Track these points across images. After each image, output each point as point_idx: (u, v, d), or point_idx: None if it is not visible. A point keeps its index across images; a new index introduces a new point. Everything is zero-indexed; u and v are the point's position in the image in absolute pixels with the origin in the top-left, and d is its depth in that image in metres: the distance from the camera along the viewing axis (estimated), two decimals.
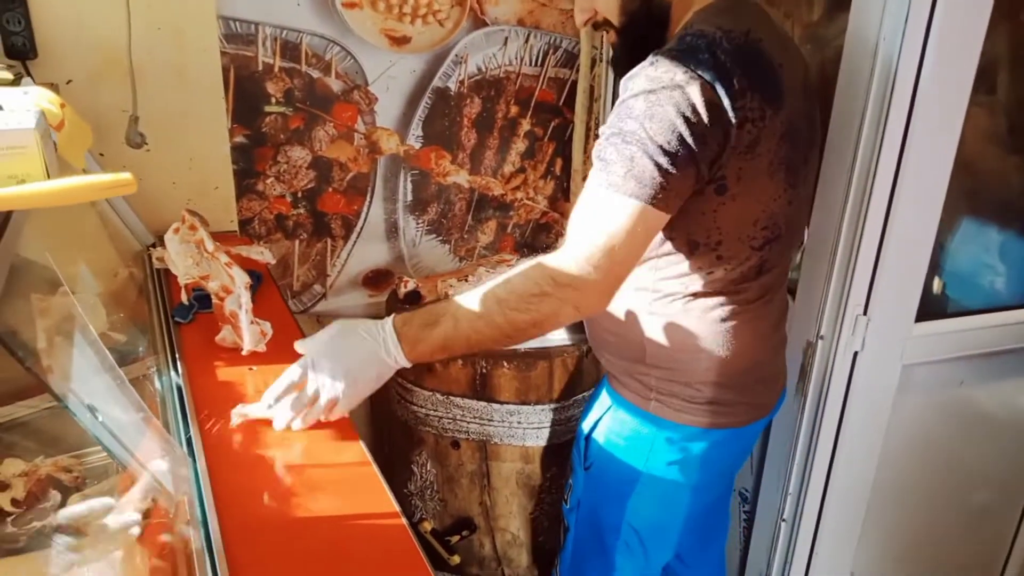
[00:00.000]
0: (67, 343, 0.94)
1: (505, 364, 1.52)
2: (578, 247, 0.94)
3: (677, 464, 1.17)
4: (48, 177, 0.76)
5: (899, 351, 1.35)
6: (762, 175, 0.98)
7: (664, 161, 0.90)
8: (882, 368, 1.35)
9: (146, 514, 1.20)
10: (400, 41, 1.81)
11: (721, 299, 1.07)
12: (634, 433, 1.18)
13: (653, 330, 1.11)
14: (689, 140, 0.90)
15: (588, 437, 1.25)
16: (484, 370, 1.53)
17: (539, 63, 1.96)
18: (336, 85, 1.79)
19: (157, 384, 1.14)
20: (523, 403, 1.55)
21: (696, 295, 1.07)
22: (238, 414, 1.02)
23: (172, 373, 1.14)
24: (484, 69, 1.91)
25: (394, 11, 1.77)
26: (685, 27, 1.00)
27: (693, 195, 0.97)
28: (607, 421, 1.22)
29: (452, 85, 1.90)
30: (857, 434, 1.39)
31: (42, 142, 0.77)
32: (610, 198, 0.92)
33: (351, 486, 0.95)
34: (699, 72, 0.90)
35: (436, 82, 1.88)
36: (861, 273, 1.28)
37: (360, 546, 0.85)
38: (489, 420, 1.57)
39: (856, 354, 1.33)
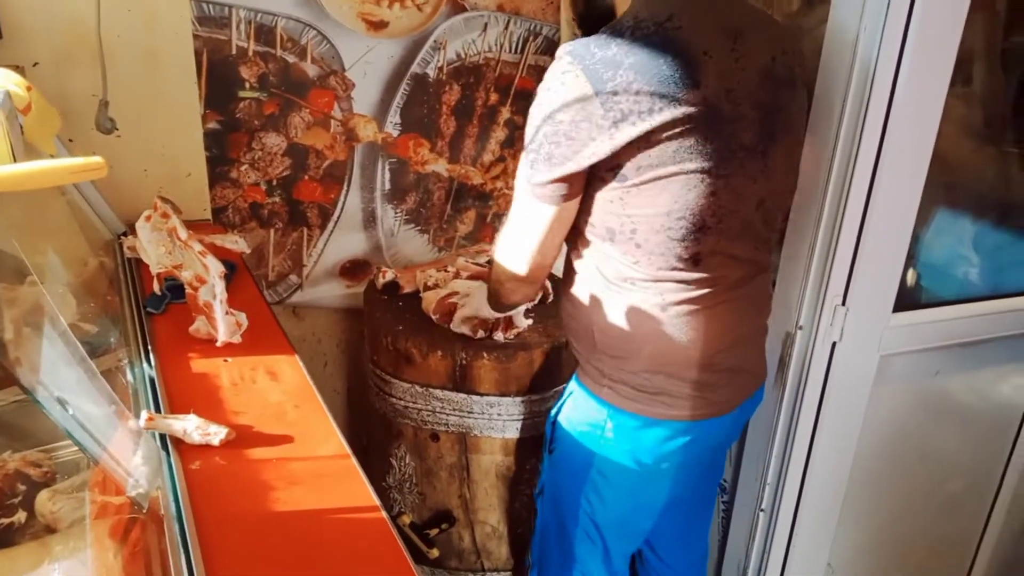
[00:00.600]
0: (36, 334, 0.91)
1: (485, 355, 1.50)
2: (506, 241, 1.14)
3: (629, 453, 1.16)
4: (14, 160, 0.73)
5: (876, 341, 1.36)
6: (666, 164, 0.97)
7: (533, 159, 1.01)
8: (860, 358, 1.36)
9: (118, 509, 1.17)
10: (378, 26, 1.77)
11: (658, 287, 1.06)
12: (589, 419, 1.18)
13: (600, 316, 1.12)
14: (555, 138, 0.98)
15: (554, 422, 1.26)
16: (464, 361, 1.51)
17: (519, 50, 1.94)
18: (312, 70, 1.75)
19: (129, 376, 1.11)
20: (503, 395, 1.54)
21: (633, 282, 1.07)
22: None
23: (144, 365, 1.11)
24: (463, 56, 1.89)
25: None
26: (620, 16, 1.04)
27: (596, 183, 1.02)
28: (569, 404, 1.23)
29: (431, 72, 1.87)
30: (835, 424, 1.40)
31: (7, 124, 0.74)
32: (517, 201, 1.08)
33: (330, 480, 0.93)
34: (580, 68, 0.95)
35: (414, 68, 1.85)
36: (840, 263, 1.29)
37: (340, 540, 0.83)
38: (469, 412, 1.56)
39: (834, 344, 1.34)
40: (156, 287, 1.27)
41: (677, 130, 0.95)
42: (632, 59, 0.94)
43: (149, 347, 1.15)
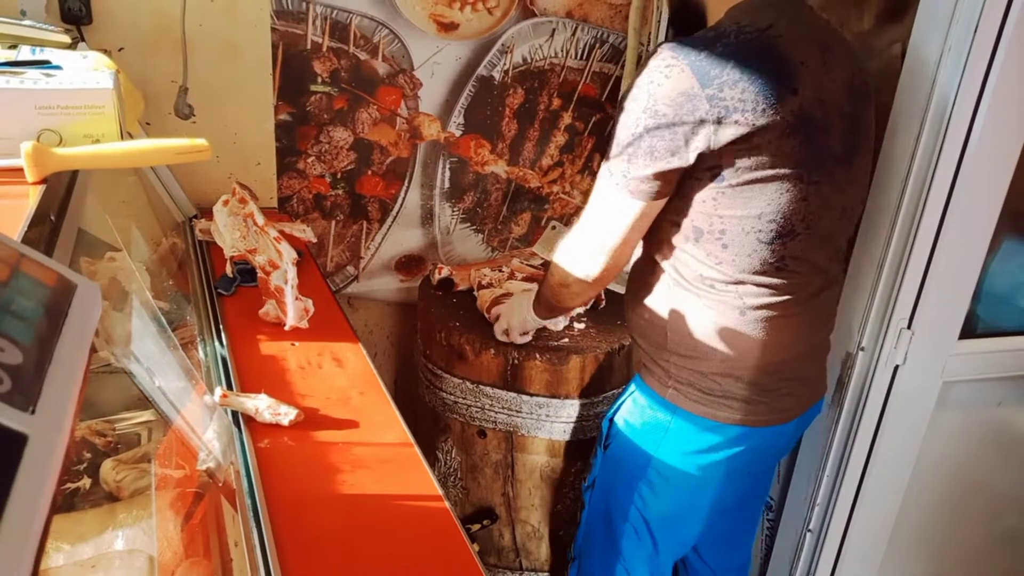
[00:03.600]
0: (120, 307, 0.95)
1: (537, 356, 1.51)
2: (583, 236, 1.14)
3: (690, 455, 1.17)
4: (122, 139, 0.77)
5: (940, 367, 1.34)
6: (763, 167, 0.98)
7: (631, 152, 1.00)
8: (922, 383, 1.34)
9: (180, 482, 1.21)
10: (448, 27, 1.80)
11: (738, 290, 1.06)
12: (651, 419, 1.19)
13: (674, 316, 1.12)
14: (654, 130, 0.97)
15: (612, 419, 1.27)
16: (515, 361, 1.52)
17: (584, 57, 1.95)
18: (382, 68, 1.79)
19: (201, 354, 1.15)
20: (553, 396, 1.55)
21: (712, 284, 1.07)
22: None
23: (216, 344, 1.14)
24: (529, 60, 1.91)
25: None
26: (716, 23, 1.05)
27: (691, 181, 1.02)
28: (628, 404, 1.24)
29: (496, 74, 1.89)
30: (892, 448, 1.37)
31: (118, 103, 0.77)
32: (603, 194, 1.08)
33: (394, 466, 0.94)
34: (686, 63, 0.96)
35: (481, 70, 1.88)
36: (908, 286, 1.27)
37: (405, 526, 0.85)
38: (517, 411, 1.57)
39: (897, 368, 1.32)
40: (228, 269, 1.30)
41: (776, 134, 0.96)
42: (737, 60, 0.95)
43: (220, 327, 1.18)
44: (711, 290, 1.08)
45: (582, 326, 1.57)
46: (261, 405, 0.96)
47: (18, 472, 0.23)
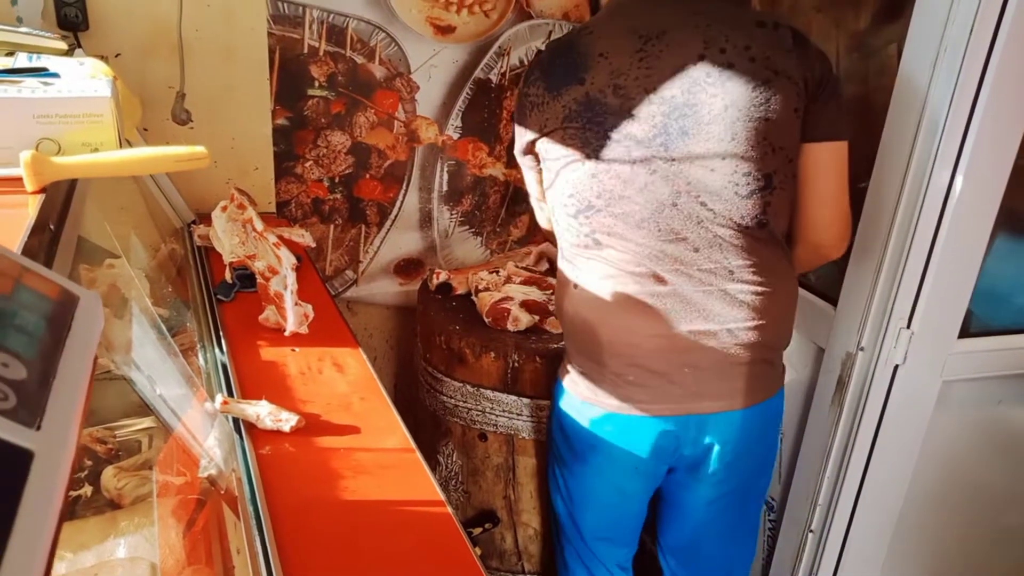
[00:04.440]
0: (119, 314, 0.95)
1: (537, 359, 1.51)
2: None
3: (569, 431, 1.26)
4: (120, 147, 0.77)
5: (940, 366, 1.34)
6: (558, 148, 1.13)
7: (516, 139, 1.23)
8: (922, 383, 1.34)
9: (181, 489, 1.21)
10: (445, 30, 1.80)
11: (572, 265, 1.19)
12: (555, 396, 1.31)
13: (556, 293, 1.29)
14: (515, 123, 1.21)
15: None
16: (516, 364, 1.52)
17: None
18: (379, 72, 1.79)
19: (201, 360, 1.14)
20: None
21: (562, 259, 1.22)
22: None
23: (216, 350, 1.14)
24: (526, 62, 1.91)
25: (440, 0, 1.77)
26: None
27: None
28: None
29: (493, 77, 1.89)
30: (892, 448, 1.38)
31: (116, 111, 0.77)
32: None
33: (396, 472, 0.94)
34: (528, 67, 1.21)
35: (478, 73, 1.88)
36: (907, 286, 1.27)
37: (407, 531, 0.85)
38: (518, 414, 1.57)
39: (896, 367, 1.32)
40: (227, 275, 1.30)
41: (560, 120, 1.10)
42: (545, 60, 1.15)
43: (221, 333, 1.18)
44: (560, 263, 1.22)
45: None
46: (262, 412, 0.96)
47: (25, 489, 0.23)
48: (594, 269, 1.15)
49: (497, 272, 1.73)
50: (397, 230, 1.96)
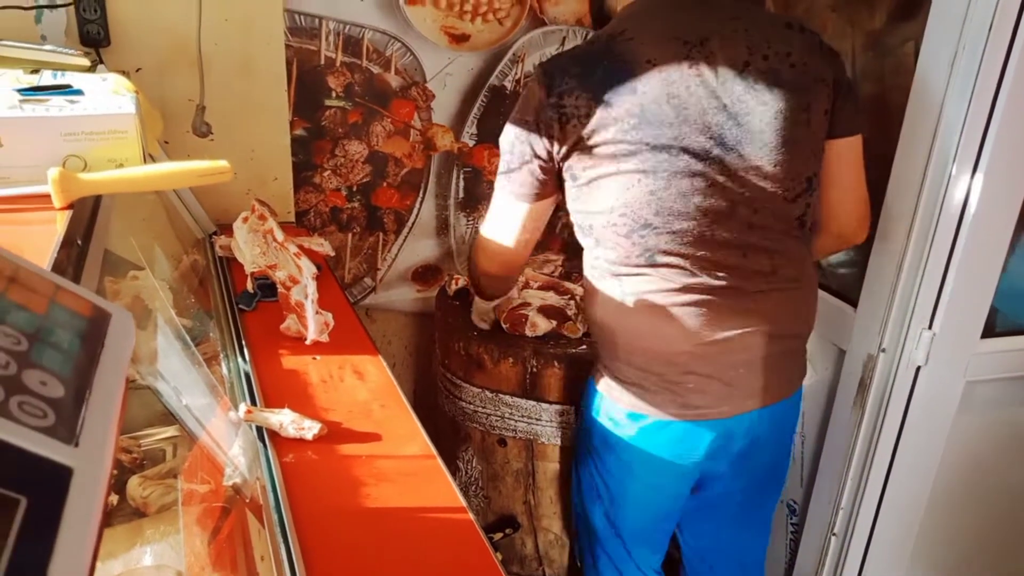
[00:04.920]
0: (149, 324, 0.96)
1: (556, 364, 1.52)
2: (484, 237, 1.22)
3: (615, 441, 1.23)
4: (144, 162, 0.78)
5: (963, 367, 1.33)
6: (606, 164, 1.05)
7: (508, 160, 1.11)
8: (945, 384, 1.33)
9: (206, 497, 1.22)
10: (460, 39, 1.82)
11: (620, 281, 1.12)
12: (591, 406, 1.27)
13: (589, 305, 1.22)
14: (522, 138, 1.09)
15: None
16: (534, 369, 1.53)
17: None
18: (395, 81, 1.80)
19: (224, 369, 1.16)
20: (573, 404, 1.55)
21: (602, 274, 1.15)
22: None
23: (239, 359, 1.15)
24: None
25: (455, 8, 1.78)
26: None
27: (564, 185, 1.12)
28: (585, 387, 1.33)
29: (508, 84, 1.90)
30: (915, 450, 1.36)
31: (140, 127, 0.79)
32: (496, 198, 1.17)
33: (418, 479, 0.95)
34: (542, 73, 1.07)
35: (492, 80, 1.89)
36: (928, 286, 1.26)
37: (430, 539, 0.85)
38: (537, 419, 1.57)
39: (919, 369, 1.31)
40: (249, 285, 1.32)
41: (611, 133, 1.02)
42: (579, 68, 1.04)
43: (243, 342, 1.19)
44: (601, 280, 1.16)
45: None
46: (285, 420, 0.98)
47: (66, 505, 0.24)
48: (646, 284, 1.11)
49: None
50: (414, 237, 1.97)
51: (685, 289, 1.09)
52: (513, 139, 1.10)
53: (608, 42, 1.05)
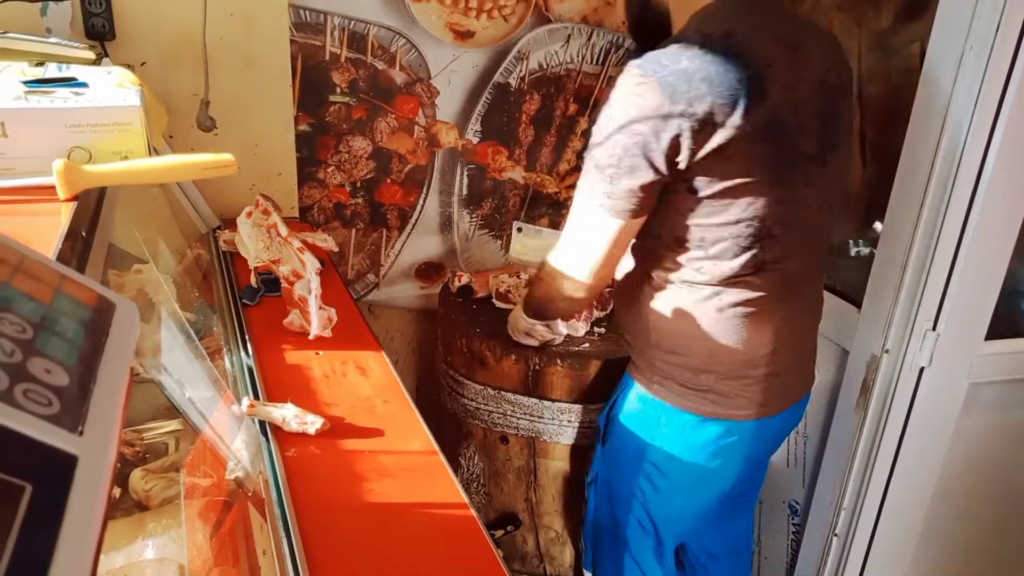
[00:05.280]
0: (153, 318, 0.96)
1: (559, 362, 1.51)
2: (568, 258, 1.13)
3: (680, 448, 1.19)
4: (149, 155, 0.78)
5: (966, 369, 1.32)
6: (737, 173, 0.99)
7: (612, 173, 1.00)
8: (948, 385, 1.33)
9: (208, 491, 1.22)
10: (464, 35, 1.81)
11: (718, 290, 1.08)
12: (641, 413, 1.22)
13: (656, 313, 1.15)
14: (633, 151, 0.98)
15: (608, 413, 1.30)
16: (537, 367, 1.52)
17: (600, 62, 1.95)
18: (400, 77, 1.80)
19: (227, 363, 1.16)
20: (575, 402, 1.55)
21: (692, 284, 1.10)
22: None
23: (242, 354, 1.15)
24: (545, 66, 1.91)
25: (460, 5, 1.78)
26: (680, 31, 1.05)
27: (670, 195, 1.04)
28: (621, 399, 1.26)
29: (513, 81, 1.90)
30: (918, 451, 1.36)
31: (145, 119, 0.78)
32: (585, 216, 1.08)
33: (420, 474, 0.95)
34: (655, 79, 0.96)
35: (497, 77, 1.88)
36: (933, 287, 1.26)
37: (432, 534, 0.85)
38: (539, 417, 1.57)
39: (922, 370, 1.31)
40: (252, 280, 1.32)
41: (747, 142, 0.97)
42: (703, 72, 0.96)
43: (246, 337, 1.19)
44: (691, 291, 1.10)
45: (603, 330, 1.57)
46: (288, 415, 0.98)
47: (71, 494, 0.23)
48: (747, 294, 1.09)
49: (519, 275, 1.74)
50: (418, 234, 1.97)
51: (781, 296, 1.11)
52: (621, 152, 0.99)
53: (724, 43, 0.98)
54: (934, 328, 1.28)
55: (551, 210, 2.08)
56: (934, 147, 1.22)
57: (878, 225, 1.40)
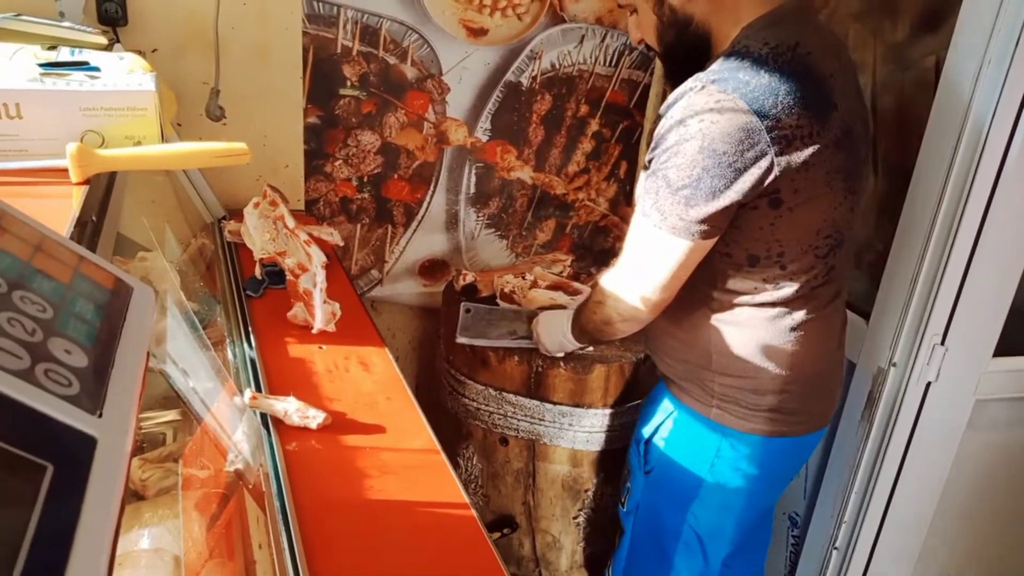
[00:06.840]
0: (159, 306, 0.95)
1: (561, 365, 1.51)
2: (632, 279, 1.09)
3: (739, 471, 1.17)
4: (162, 141, 0.77)
5: (974, 385, 1.32)
6: (819, 185, 0.98)
7: (688, 195, 0.97)
8: (955, 401, 1.32)
9: (206, 482, 1.21)
10: (478, 33, 1.80)
11: (789, 308, 1.07)
12: (698, 439, 1.19)
13: (720, 337, 1.11)
14: (714, 171, 0.95)
15: (648, 442, 1.25)
16: (539, 369, 1.51)
17: (613, 63, 1.95)
18: (411, 73, 1.79)
19: (230, 354, 1.15)
20: (576, 405, 1.54)
21: (763, 304, 1.07)
22: None
23: (245, 345, 1.14)
24: (557, 66, 1.91)
25: (475, 2, 1.77)
26: (733, 44, 1.02)
27: (747, 212, 1.00)
28: (669, 426, 1.23)
29: (524, 80, 1.89)
30: (922, 466, 1.35)
31: (159, 105, 0.78)
32: (653, 237, 1.02)
33: (421, 472, 0.94)
34: (736, 95, 0.94)
35: (509, 76, 1.88)
36: (942, 302, 1.25)
37: (432, 533, 0.84)
38: (540, 419, 1.56)
39: (929, 384, 1.30)
40: (257, 271, 1.31)
41: (829, 152, 0.97)
42: (784, 85, 0.94)
43: (249, 329, 1.18)
44: (761, 311, 1.07)
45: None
46: (290, 408, 0.97)
47: (91, 475, 0.23)
48: (812, 307, 1.09)
49: (524, 276, 1.73)
50: (423, 231, 1.96)
51: (836, 307, 1.13)
52: (700, 172, 0.95)
53: (793, 57, 0.97)
54: (943, 343, 1.27)
55: (559, 211, 2.07)
56: (948, 160, 1.21)
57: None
